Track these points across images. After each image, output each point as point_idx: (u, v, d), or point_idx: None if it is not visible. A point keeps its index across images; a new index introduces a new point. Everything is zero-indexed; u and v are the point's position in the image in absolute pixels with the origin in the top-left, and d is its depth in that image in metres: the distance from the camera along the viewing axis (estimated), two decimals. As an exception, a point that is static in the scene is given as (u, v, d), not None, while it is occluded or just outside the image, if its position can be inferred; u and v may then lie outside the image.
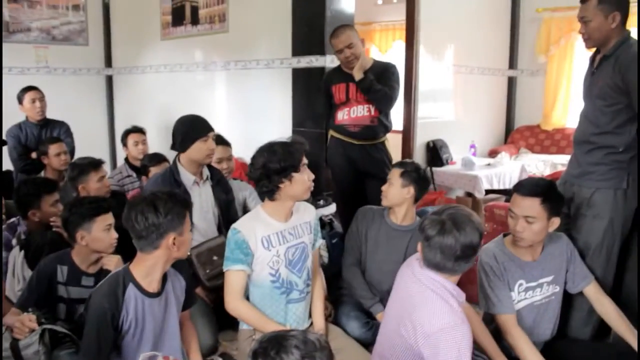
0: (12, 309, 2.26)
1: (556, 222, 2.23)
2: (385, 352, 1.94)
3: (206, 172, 2.89)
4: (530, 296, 2.31)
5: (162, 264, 1.97)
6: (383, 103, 3.45)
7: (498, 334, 2.25)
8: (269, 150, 2.22)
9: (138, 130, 4.35)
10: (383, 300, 2.55)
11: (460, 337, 1.71)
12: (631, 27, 2.55)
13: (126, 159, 4.34)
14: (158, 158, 3.75)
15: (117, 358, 1.98)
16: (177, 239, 1.92)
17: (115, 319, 1.90)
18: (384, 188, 2.71)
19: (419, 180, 2.65)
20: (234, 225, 2.28)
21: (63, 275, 2.32)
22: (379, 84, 3.39)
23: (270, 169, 2.19)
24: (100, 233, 2.31)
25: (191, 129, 2.79)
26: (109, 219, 2.36)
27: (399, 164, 2.73)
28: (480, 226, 1.85)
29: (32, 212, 2.74)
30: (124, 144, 4.36)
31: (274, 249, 2.28)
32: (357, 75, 3.38)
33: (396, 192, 2.65)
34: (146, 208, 1.87)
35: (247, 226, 2.26)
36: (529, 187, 2.23)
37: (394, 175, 2.67)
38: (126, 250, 2.83)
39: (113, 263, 2.32)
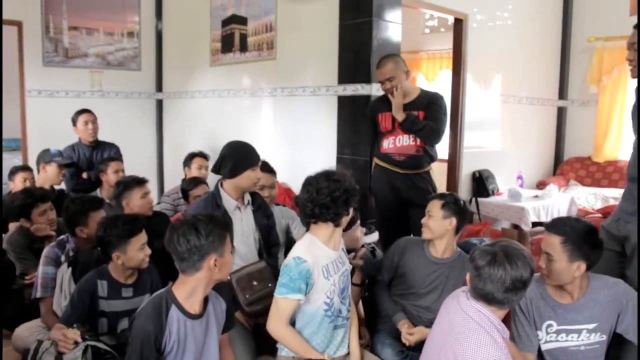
0: (56, 324, 2.32)
1: (582, 267, 2.10)
2: None
3: (247, 197, 2.91)
4: (563, 339, 2.20)
5: (203, 286, 1.99)
6: (429, 138, 3.43)
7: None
8: (340, 176, 2.24)
9: (203, 155, 4.47)
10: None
11: None
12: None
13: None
14: (196, 181, 3.81)
15: None
16: (218, 260, 1.94)
17: (158, 341, 1.92)
18: (423, 221, 2.68)
19: (460, 211, 2.62)
20: (298, 254, 2.23)
21: (104, 290, 2.39)
22: (426, 114, 3.38)
23: (350, 192, 2.21)
24: (134, 253, 2.39)
25: (243, 157, 2.80)
26: (142, 238, 2.43)
27: (439, 196, 2.70)
28: (532, 262, 1.82)
29: (79, 229, 2.81)
30: (187, 165, 4.46)
31: (332, 278, 2.26)
32: (398, 116, 3.38)
33: (438, 224, 2.61)
34: (188, 230, 1.91)
35: (310, 255, 2.22)
36: (556, 222, 2.15)
37: (434, 207, 2.64)
38: (164, 268, 2.91)
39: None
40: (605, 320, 2.18)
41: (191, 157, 4.48)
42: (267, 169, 3.31)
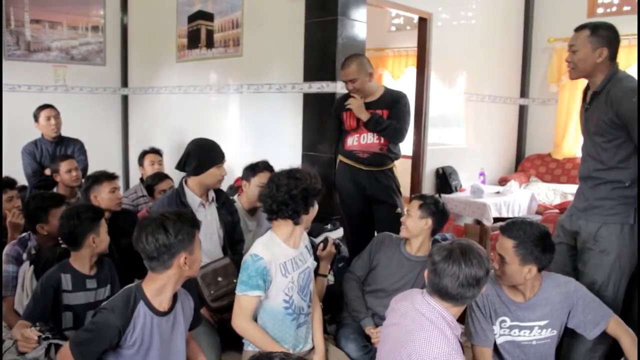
0: (19, 322, 2.30)
1: (533, 270, 2.16)
2: None
3: (212, 194, 2.92)
4: (515, 334, 2.28)
5: (173, 283, 2.00)
6: (393, 137, 3.48)
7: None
8: (302, 173, 2.27)
9: (155, 151, 4.45)
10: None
11: None
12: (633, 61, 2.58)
13: (141, 179, 4.40)
14: (160, 176, 3.81)
15: None
16: (188, 258, 1.95)
17: (118, 335, 1.91)
18: (402, 219, 2.76)
19: (437, 212, 2.68)
20: (254, 252, 2.27)
21: (68, 283, 2.37)
22: (390, 113, 3.44)
23: (309, 190, 2.24)
24: (104, 234, 2.45)
25: (208, 155, 2.81)
26: (104, 222, 2.49)
27: (419, 197, 2.76)
28: (487, 262, 1.87)
29: (40, 226, 2.78)
30: (141, 164, 4.44)
31: (290, 275, 2.30)
32: (362, 117, 3.43)
33: (414, 223, 2.68)
34: (156, 229, 1.90)
35: (267, 253, 2.26)
36: (510, 226, 2.21)
37: (413, 207, 2.70)
38: (131, 265, 2.92)
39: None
40: (556, 317, 2.26)
41: (143, 154, 4.48)
42: (269, 169, 3.29)
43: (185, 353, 2.14)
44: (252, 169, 3.27)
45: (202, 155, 2.80)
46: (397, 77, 7.91)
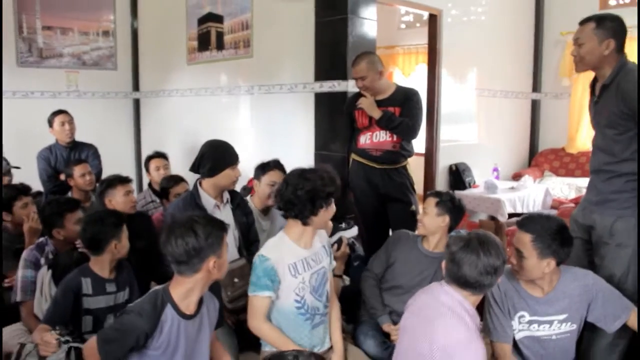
0: (40, 326, 2.32)
1: (552, 264, 2.15)
2: None
3: (226, 195, 2.92)
4: (535, 329, 2.27)
5: (201, 287, 1.99)
6: (405, 134, 3.47)
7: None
8: (315, 175, 2.26)
9: (160, 155, 4.43)
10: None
11: (475, 351, 1.75)
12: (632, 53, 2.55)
13: (150, 185, 4.42)
14: (175, 179, 3.80)
15: None
16: (217, 262, 1.94)
17: (144, 338, 1.91)
18: (419, 217, 2.76)
19: (454, 209, 2.68)
20: (262, 252, 2.29)
21: (88, 287, 2.39)
22: (402, 110, 3.43)
23: (318, 192, 2.22)
24: (125, 240, 2.47)
25: (222, 156, 2.81)
26: (126, 227, 2.51)
27: (434, 194, 2.76)
28: (504, 252, 1.90)
29: (56, 231, 2.81)
30: (147, 169, 4.45)
31: (300, 276, 2.30)
32: (374, 115, 3.42)
33: (431, 221, 2.68)
34: (186, 233, 1.88)
35: (275, 253, 2.27)
36: (527, 221, 2.21)
37: (430, 204, 2.70)
38: (146, 268, 2.93)
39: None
40: (575, 310, 2.25)
41: (148, 159, 4.45)
42: (279, 167, 3.30)
43: (208, 354, 2.14)
44: (263, 168, 3.28)
45: (216, 156, 2.80)
46: (408, 75, 7.88)
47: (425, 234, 2.73)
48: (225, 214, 2.88)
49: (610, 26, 2.40)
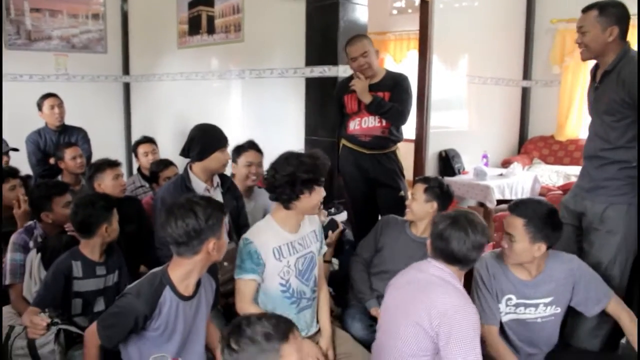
0: (29, 309, 2.33)
1: (542, 248, 2.19)
2: (390, 347, 1.99)
3: (216, 179, 2.92)
4: (521, 312, 2.30)
5: (200, 268, 2.00)
6: (394, 119, 3.47)
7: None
8: (297, 159, 2.26)
9: (148, 140, 4.42)
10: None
11: (473, 315, 1.83)
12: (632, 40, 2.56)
13: (139, 169, 4.41)
14: (165, 163, 3.80)
15: (141, 346, 2.00)
16: (216, 243, 1.94)
17: (145, 320, 1.92)
18: (407, 202, 2.78)
19: (442, 195, 2.70)
20: (245, 236, 2.32)
21: (79, 270, 2.40)
22: (392, 95, 3.43)
23: (297, 177, 2.22)
24: (116, 223, 2.48)
25: (211, 139, 2.81)
26: (116, 211, 2.52)
27: (423, 180, 2.77)
28: (488, 232, 1.98)
29: (45, 214, 2.80)
30: (135, 154, 4.44)
31: (285, 259, 2.32)
32: (365, 99, 3.41)
33: (420, 207, 2.71)
34: (185, 214, 1.88)
35: (258, 237, 2.29)
36: (519, 205, 2.24)
37: (418, 190, 2.72)
38: (135, 251, 2.94)
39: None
40: (560, 294, 2.29)
41: (136, 144, 4.46)
42: (254, 147, 3.37)
43: (204, 335, 2.16)
44: (238, 150, 3.35)
45: (205, 139, 2.80)
46: (399, 61, 7.88)
47: (413, 219, 2.76)
48: (215, 198, 2.89)
49: (613, 13, 2.40)
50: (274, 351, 1.35)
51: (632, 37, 2.53)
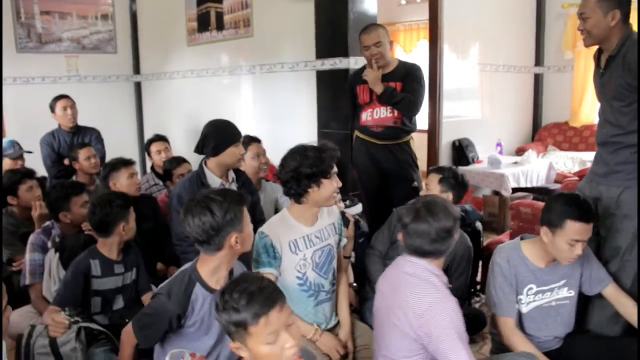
0: (49, 307, 2.35)
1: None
2: (383, 349, 1.98)
3: (231, 174, 2.93)
4: (539, 299, 2.29)
5: (227, 262, 1.97)
6: (407, 110, 3.45)
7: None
8: (301, 154, 2.24)
9: (160, 138, 4.44)
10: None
11: (450, 308, 1.78)
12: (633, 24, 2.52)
13: (152, 168, 4.43)
14: (178, 160, 3.81)
15: (179, 342, 1.99)
16: (239, 237, 1.90)
17: (180, 319, 1.92)
18: (421, 194, 2.75)
19: (457, 185, 2.68)
20: (261, 229, 2.30)
21: (97, 269, 2.43)
22: (404, 85, 3.41)
23: (301, 172, 2.20)
24: (133, 222, 2.50)
25: (225, 134, 2.82)
26: (133, 210, 2.53)
27: (437, 170, 2.75)
28: (454, 212, 1.95)
29: (63, 214, 2.83)
30: (148, 153, 4.46)
31: (301, 252, 2.31)
32: (377, 89, 3.39)
33: None
34: (201, 212, 1.85)
35: (274, 230, 2.28)
36: (590, 211, 2.18)
37: (432, 181, 2.69)
38: (152, 249, 2.94)
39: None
40: (571, 275, 2.30)
41: (149, 143, 4.48)
42: (252, 139, 3.43)
43: None
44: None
45: (219, 135, 2.80)
46: (409, 51, 7.83)
47: None
48: None
49: None
50: None
51: (632, 20, 2.48)
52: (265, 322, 1.41)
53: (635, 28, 2.43)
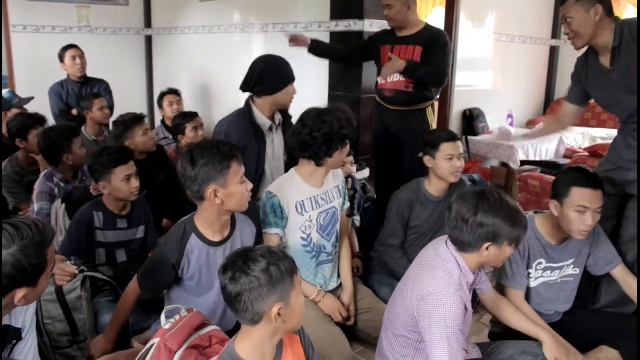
0: (55, 257, 2.37)
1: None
2: (391, 314, 1.98)
3: (278, 116, 2.77)
4: (547, 275, 2.30)
5: (215, 215, 1.93)
6: (431, 82, 3.31)
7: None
8: (333, 115, 2.22)
9: (173, 91, 4.46)
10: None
11: (451, 304, 1.71)
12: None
13: (162, 121, 4.42)
14: (191, 114, 3.78)
15: (183, 298, 2.00)
16: (219, 191, 1.84)
17: (175, 267, 1.93)
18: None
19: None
20: (269, 189, 2.30)
21: (100, 221, 2.44)
22: (426, 51, 3.23)
23: (334, 135, 2.20)
24: (119, 183, 2.39)
25: (285, 72, 2.70)
26: (127, 169, 2.41)
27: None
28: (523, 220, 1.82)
29: (66, 156, 2.87)
30: (160, 105, 4.47)
31: (307, 214, 2.32)
32: (398, 68, 3.18)
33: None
34: (184, 158, 1.85)
35: (282, 190, 2.28)
36: (597, 178, 2.13)
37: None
38: (168, 199, 2.92)
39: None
40: (580, 256, 2.30)
41: (161, 96, 4.53)
42: None
43: None
44: None
45: (279, 72, 2.68)
46: (425, 17, 7.67)
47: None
48: (278, 138, 2.78)
49: None
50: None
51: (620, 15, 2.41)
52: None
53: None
